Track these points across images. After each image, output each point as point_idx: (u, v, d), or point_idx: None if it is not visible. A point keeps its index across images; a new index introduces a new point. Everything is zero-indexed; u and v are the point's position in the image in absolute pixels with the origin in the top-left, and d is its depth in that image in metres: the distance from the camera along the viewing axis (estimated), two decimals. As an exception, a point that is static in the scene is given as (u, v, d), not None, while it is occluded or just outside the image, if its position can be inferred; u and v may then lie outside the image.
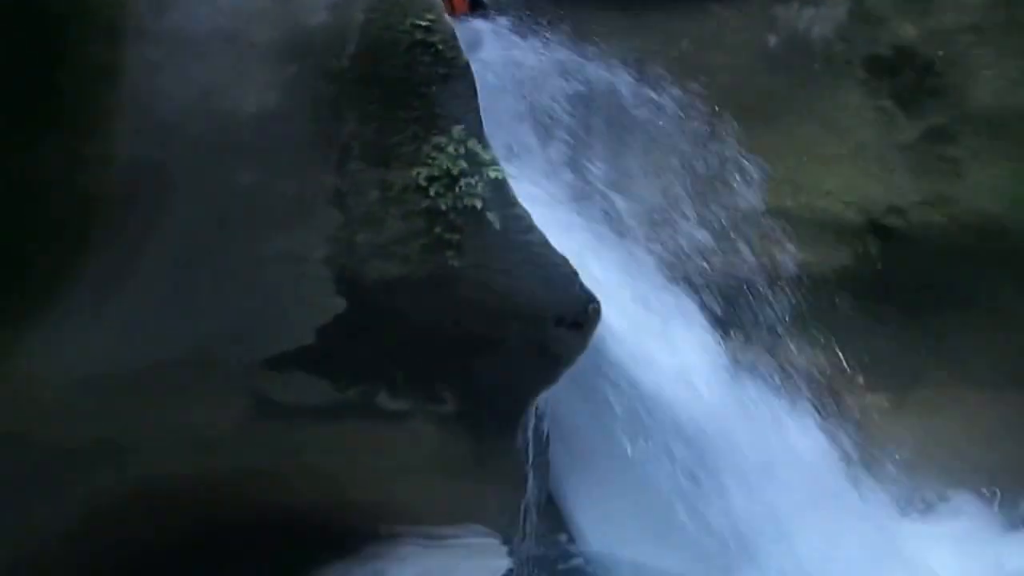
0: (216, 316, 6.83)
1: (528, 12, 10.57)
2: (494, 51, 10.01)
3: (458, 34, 7.16)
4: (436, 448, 8.02)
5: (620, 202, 9.95)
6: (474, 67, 7.25)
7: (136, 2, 5.82)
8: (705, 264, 9.79)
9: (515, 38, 10.27)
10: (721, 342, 9.51)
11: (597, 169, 10.00)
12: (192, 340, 6.85)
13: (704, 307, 9.59)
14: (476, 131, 7.19)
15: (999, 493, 9.00)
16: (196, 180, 6.30)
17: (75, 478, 7.02)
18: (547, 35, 10.39)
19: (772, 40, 9.44)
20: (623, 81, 10.05)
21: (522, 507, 8.49)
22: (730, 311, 9.67)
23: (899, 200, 9.09)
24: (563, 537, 9.10)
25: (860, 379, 9.59)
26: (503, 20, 10.49)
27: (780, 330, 9.69)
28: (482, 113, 7.27)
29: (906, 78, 8.88)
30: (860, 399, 9.59)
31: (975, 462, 9.16)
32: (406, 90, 6.89)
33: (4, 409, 6.33)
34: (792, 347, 9.64)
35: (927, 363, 9.43)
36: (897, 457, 9.33)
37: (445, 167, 7.02)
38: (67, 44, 5.68)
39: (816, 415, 9.40)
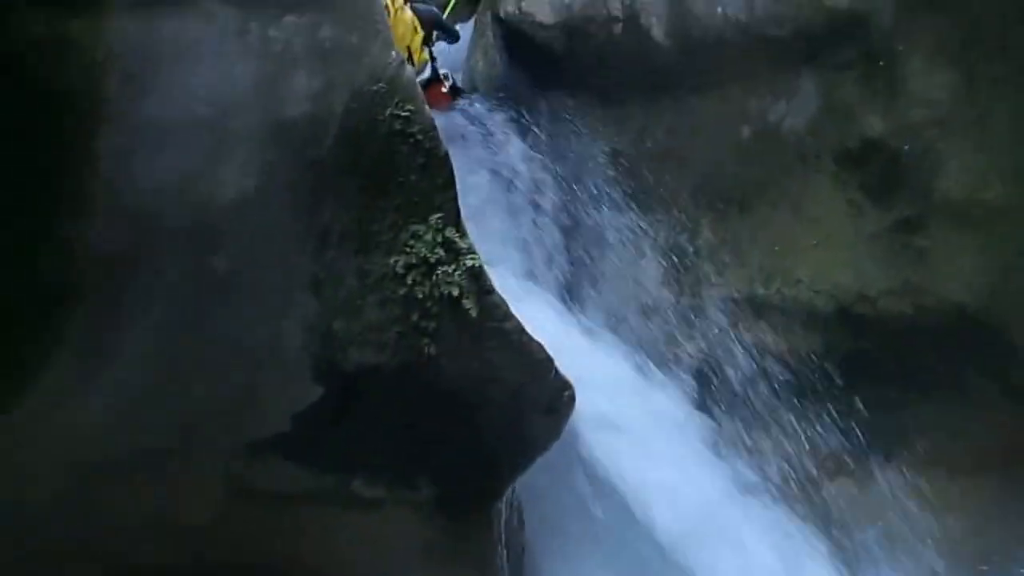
0: (195, 403, 6.70)
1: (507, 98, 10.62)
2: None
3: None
4: (413, 533, 7.91)
5: (594, 294, 10.04)
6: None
7: (114, 89, 5.72)
8: (681, 350, 9.79)
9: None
10: (697, 425, 9.52)
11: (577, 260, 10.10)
12: (172, 427, 6.72)
13: (680, 391, 9.64)
14: (454, 219, 7.13)
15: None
16: (172, 267, 6.19)
17: (52, 567, 6.87)
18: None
19: (745, 132, 9.47)
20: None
21: (497, 592, 8.38)
22: (705, 395, 9.69)
23: (868, 288, 9.05)
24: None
25: (829, 463, 9.42)
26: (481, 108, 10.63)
27: (753, 414, 9.62)
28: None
29: (874, 170, 8.90)
30: (830, 483, 9.41)
31: (946, 547, 8.98)
32: (385, 179, 6.84)
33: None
34: (765, 431, 9.56)
35: (897, 448, 9.36)
36: (867, 543, 9.23)
37: (423, 255, 6.96)
38: (46, 129, 5.60)
39: (785, 497, 9.34)
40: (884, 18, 8.67)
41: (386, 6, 9.98)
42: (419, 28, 10.36)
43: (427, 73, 10.63)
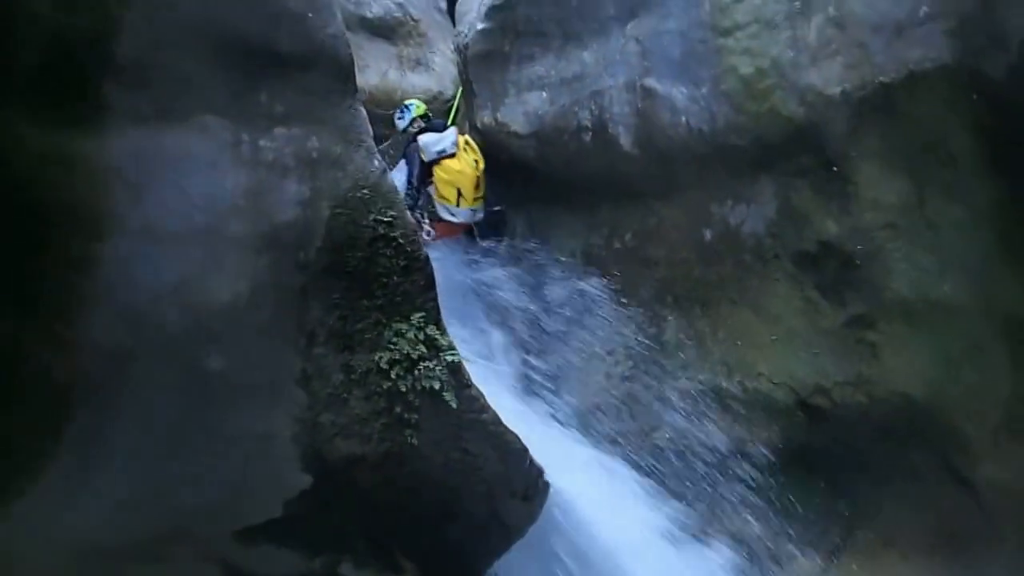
0: (190, 492, 6.69)
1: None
2: None
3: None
4: (398, 612, 7.89)
5: (568, 388, 10.07)
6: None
7: (114, 197, 5.77)
8: (648, 440, 9.76)
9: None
10: (663, 512, 9.43)
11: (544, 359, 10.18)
12: (167, 515, 6.70)
13: (646, 479, 9.57)
14: (434, 318, 7.23)
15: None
16: (168, 365, 6.21)
17: None
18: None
19: (708, 234, 9.45)
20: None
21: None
22: (671, 483, 9.60)
23: (824, 381, 9.00)
24: None
25: (790, 546, 9.37)
26: None
27: (717, 501, 9.55)
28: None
29: (829, 270, 8.88)
30: (790, 566, 9.35)
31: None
32: (369, 280, 6.92)
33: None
34: (728, 517, 9.49)
35: (853, 531, 9.28)
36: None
37: (405, 351, 7.04)
38: (48, 235, 5.63)
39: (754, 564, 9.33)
40: (837, 127, 8.63)
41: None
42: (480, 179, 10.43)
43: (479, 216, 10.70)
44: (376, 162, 6.89)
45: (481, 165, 10.33)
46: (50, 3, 5.56)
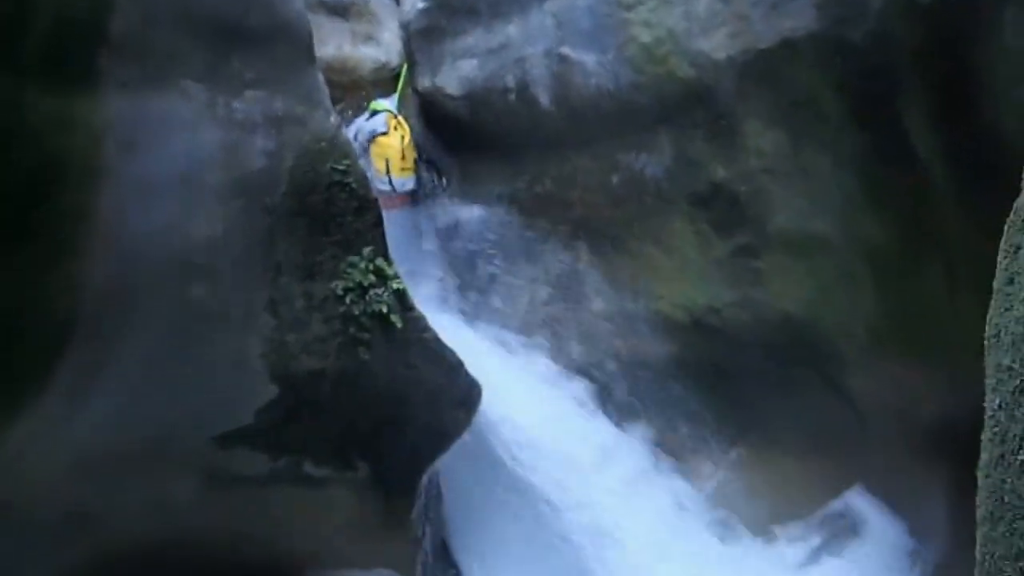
0: (175, 406, 6.75)
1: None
2: None
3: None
4: (352, 507, 7.99)
5: (498, 310, 10.19)
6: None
7: (110, 153, 5.81)
8: (567, 357, 9.94)
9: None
10: (584, 416, 9.67)
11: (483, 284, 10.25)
12: (156, 427, 6.76)
13: (567, 387, 9.78)
14: (382, 251, 7.34)
15: (787, 532, 9.16)
16: (157, 296, 6.27)
17: (53, 545, 6.84)
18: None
19: (615, 179, 9.55)
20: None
21: (420, 554, 8.52)
22: (590, 391, 9.82)
23: (715, 303, 9.20)
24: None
25: (690, 445, 9.67)
26: None
27: (629, 407, 9.82)
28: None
29: (719, 208, 9.00)
30: (691, 461, 9.64)
31: (783, 510, 9.24)
32: (327, 220, 7.01)
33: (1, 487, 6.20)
34: (639, 419, 9.77)
35: (743, 433, 9.51)
36: (722, 507, 9.44)
37: (358, 280, 7.15)
38: (49, 187, 5.64)
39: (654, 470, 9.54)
40: (726, 87, 8.76)
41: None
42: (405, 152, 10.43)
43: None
44: (332, 119, 6.99)
45: (407, 139, 10.29)
46: (55, -13, 5.59)
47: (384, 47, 11.34)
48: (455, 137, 10.38)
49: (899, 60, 7.74)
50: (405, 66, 11.16)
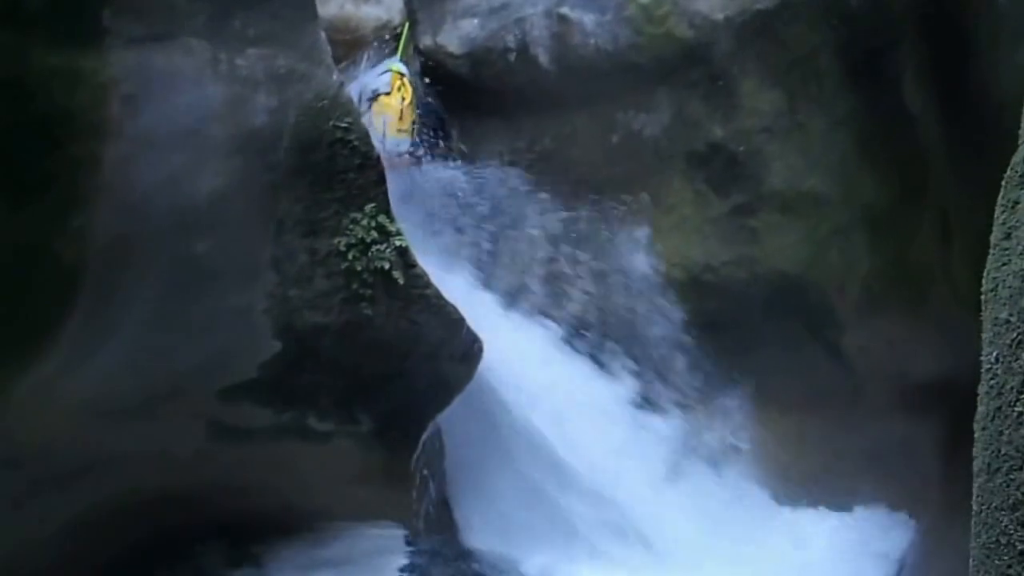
0: (181, 358, 6.78)
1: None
2: None
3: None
4: (355, 460, 8.04)
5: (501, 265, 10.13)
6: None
7: (115, 108, 5.77)
8: (567, 314, 9.87)
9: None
10: (583, 371, 9.64)
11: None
12: (162, 378, 6.79)
13: (568, 344, 9.71)
14: (385, 208, 7.25)
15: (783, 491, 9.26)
16: (162, 249, 6.26)
17: (63, 493, 6.91)
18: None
19: (614, 139, 9.52)
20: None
21: (422, 506, 8.53)
22: (589, 347, 9.75)
23: (712, 260, 9.25)
24: (453, 532, 9.12)
25: (688, 400, 9.68)
26: None
27: (624, 362, 9.78)
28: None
29: (716, 167, 9.04)
30: (685, 414, 9.66)
31: (772, 467, 9.34)
32: (329, 176, 6.93)
33: (4, 438, 6.20)
34: (633, 374, 9.74)
35: (736, 383, 9.54)
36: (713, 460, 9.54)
37: (360, 236, 7.09)
38: (57, 139, 5.63)
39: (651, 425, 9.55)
40: (722, 47, 8.78)
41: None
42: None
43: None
44: (334, 77, 6.89)
45: (407, 101, 10.17)
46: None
47: (385, 5, 11.22)
48: (456, 96, 10.30)
49: (894, 20, 7.78)
50: (407, 25, 11.07)
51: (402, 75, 10.11)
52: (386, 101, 10.01)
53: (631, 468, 9.16)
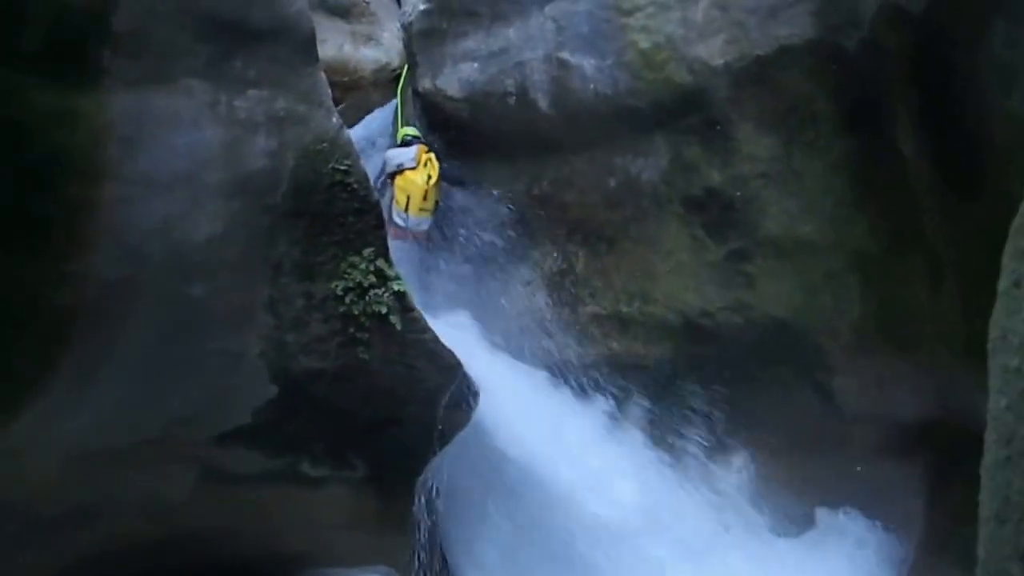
0: (174, 402, 6.71)
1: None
2: None
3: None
4: (348, 506, 7.95)
5: (494, 312, 10.15)
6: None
7: (110, 148, 5.75)
8: (562, 358, 9.84)
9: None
10: (577, 416, 9.58)
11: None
12: (155, 423, 6.73)
13: (563, 388, 9.69)
14: (383, 253, 7.25)
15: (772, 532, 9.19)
16: (157, 293, 6.21)
17: (56, 537, 6.80)
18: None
19: (612, 182, 9.51)
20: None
21: (415, 551, 8.44)
22: (582, 392, 9.71)
23: (708, 305, 9.17)
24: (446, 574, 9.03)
25: (681, 442, 9.60)
26: None
27: (620, 403, 9.74)
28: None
29: (713, 212, 9.01)
30: (680, 458, 9.59)
31: (762, 509, 9.27)
32: (327, 220, 6.92)
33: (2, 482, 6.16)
34: (628, 417, 9.70)
35: (731, 431, 9.46)
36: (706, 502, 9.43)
37: (358, 281, 7.07)
38: (54, 183, 5.61)
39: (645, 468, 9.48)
40: (720, 92, 8.77)
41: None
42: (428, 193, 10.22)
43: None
44: (334, 120, 6.88)
45: (433, 180, 10.14)
46: (57, -17, 5.52)
47: (384, 48, 11.31)
48: (455, 139, 10.31)
49: (890, 67, 7.79)
50: (405, 67, 11.08)
51: (429, 150, 10.11)
52: (411, 176, 10.04)
53: (622, 507, 9.11)
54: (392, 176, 10.15)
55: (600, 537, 8.85)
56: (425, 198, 10.10)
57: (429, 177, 10.08)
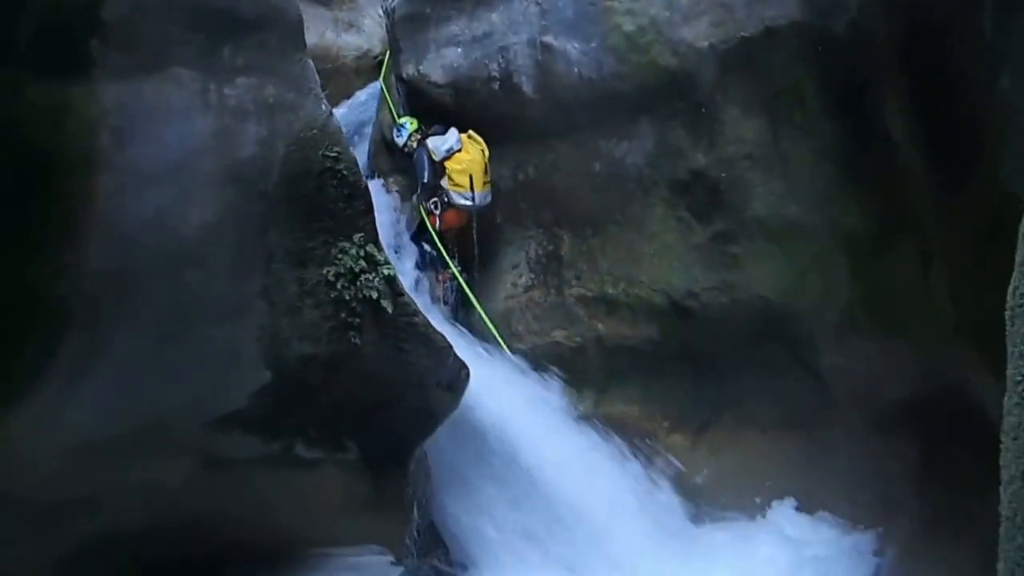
0: (171, 390, 6.65)
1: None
2: None
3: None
4: (342, 487, 7.91)
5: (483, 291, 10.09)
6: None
7: (104, 141, 5.70)
8: (547, 338, 9.87)
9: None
10: (562, 397, 9.64)
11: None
12: (151, 411, 6.66)
13: (548, 371, 9.71)
14: (373, 238, 7.21)
15: (768, 508, 9.13)
16: (151, 283, 6.16)
17: (56, 526, 6.75)
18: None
19: (597, 166, 9.52)
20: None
21: (409, 530, 8.40)
22: (569, 374, 9.73)
23: (694, 287, 9.20)
24: (441, 552, 8.97)
25: (665, 424, 9.62)
26: None
27: (606, 386, 9.82)
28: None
29: (698, 195, 9.03)
30: (666, 439, 9.59)
31: (751, 486, 9.25)
32: (318, 206, 6.87)
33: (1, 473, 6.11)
34: (616, 398, 9.76)
35: (718, 412, 9.55)
36: (696, 482, 9.46)
37: (349, 266, 7.03)
38: (47, 175, 5.55)
39: (629, 451, 9.50)
40: (706, 75, 8.78)
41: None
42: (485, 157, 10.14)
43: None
44: (323, 107, 6.83)
45: (487, 152, 10.09)
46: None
47: (366, 35, 11.24)
48: (440, 124, 10.24)
49: (879, 50, 7.77)
50: (387, 53, 11.00)
51: (467, 131, 10.03)
52: (465, 157, 9.97)
53: (607, 488, 9.16)
54: (442, 164, 10.06)
55: (582, 516, 8.88)
56: (486, 171, 10.07)
57: (483, 151, 10.04)
